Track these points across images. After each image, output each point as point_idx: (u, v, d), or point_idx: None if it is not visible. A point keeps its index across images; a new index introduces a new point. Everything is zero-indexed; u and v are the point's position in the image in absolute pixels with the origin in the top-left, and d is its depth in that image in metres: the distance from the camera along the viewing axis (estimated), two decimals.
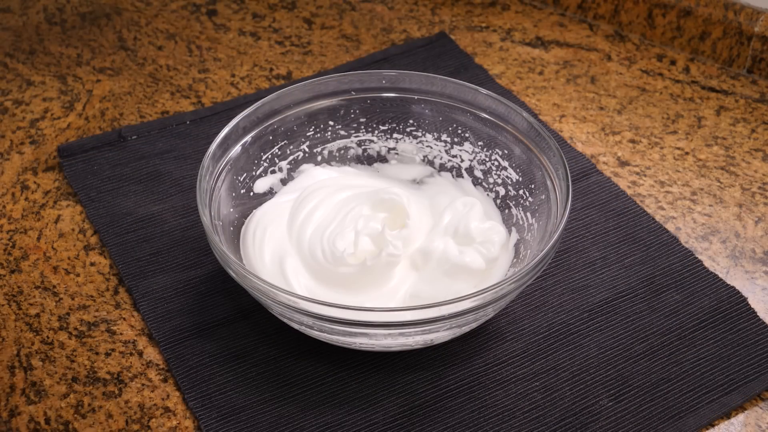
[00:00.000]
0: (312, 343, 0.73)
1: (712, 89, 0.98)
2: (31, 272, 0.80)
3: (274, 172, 0.82)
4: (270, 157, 0.81)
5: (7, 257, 0.81)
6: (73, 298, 0.77)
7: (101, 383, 0.71)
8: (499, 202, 0.80)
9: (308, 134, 0.82)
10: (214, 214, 0.74)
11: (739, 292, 0.76)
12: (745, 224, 0.84)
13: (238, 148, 0.78)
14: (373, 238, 0.75)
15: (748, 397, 0.70)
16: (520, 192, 0.78)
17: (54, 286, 0.78)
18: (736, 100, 0.96)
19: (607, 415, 0.69)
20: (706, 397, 0.70)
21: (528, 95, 0.97)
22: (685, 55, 1.02)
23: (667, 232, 0.82)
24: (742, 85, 0.98)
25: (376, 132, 0.84)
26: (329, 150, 0.84)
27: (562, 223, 0.69)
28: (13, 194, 0.87)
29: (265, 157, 0.81)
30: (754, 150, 0.91)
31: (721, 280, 0.78)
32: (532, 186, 0.77)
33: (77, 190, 0.86)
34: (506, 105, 0.78)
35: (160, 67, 1.02)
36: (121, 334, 0.75)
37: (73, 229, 0.83)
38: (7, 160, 0.90)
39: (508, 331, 0.74)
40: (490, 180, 0.81)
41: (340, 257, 0.73)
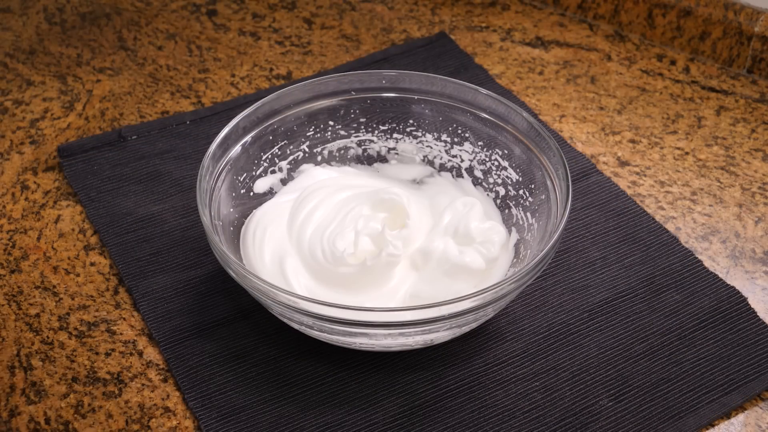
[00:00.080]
0: (312, 343, 0.73)
1: (712, 89, 0.98)
2: (31, 272, 0.80)
3: (274, 172, 0.82)
4: (270, 157, 0.81)
5: (7, 257, 0.81)
6: (73, 298, 0.77)
7: (101, 383, 0.71)
8: (499, 202, 0.80)
9: (308, 134, 0.82)
10: (214, 214, 0.74)
11: (739, 292, 0.76)
12: (745, 224, 0.84)
13: (238, 148, 0.78)
14: (373, 238, 0.75)
15: (748, 397, 0.70)
16: (520, 192, 0.78)
17: (54, 286, 0.78)
18: (736, 100, 0.96)
19: (607, 415, 0.69)
20: (706, 397, 0.70)
21: (528, 95, 0.97)
22: (685, 55, 1.02)
23: (667, 232, 0.82)
24: (742, 85, 0.98)
25: (376, 132, 0.84)
26: (329, 150, 0.84)
27: (562, 223, 0.69)
28: (13, 194, 0.87)
29: (265, 157, 0.81)
30: (754, 150, 0.91)
31: (721, 280, 0.77)
32: (532, 186, 0.77)
33: (77, 190, 0.86)
34: (506, 105, 0.78)
35: (160, 67, 1.02)
36: (121, 334, 0.75)
37: (73, 229, 0.83)
38: (7, 160, 0.90)
39: (508, 331, 0.74)
40: (490, 180, 0.81)
41: (340, 257, 0.73)
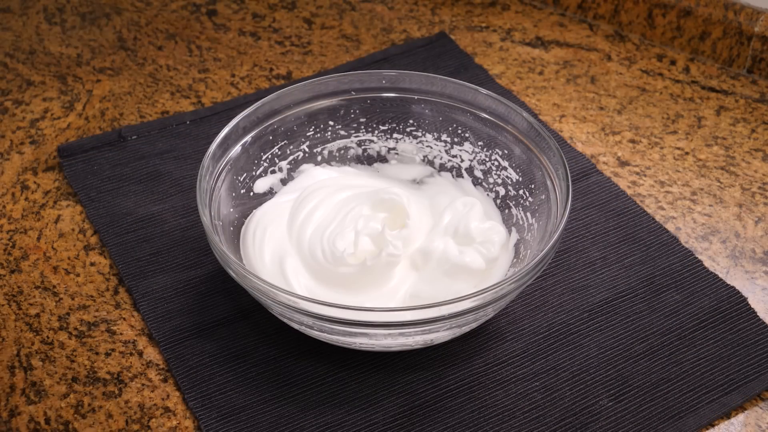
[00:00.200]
0: (312, 343, 0.73)
1: (712, 89, 0.98)
2: (31, 272, 0.80)
3: (274, 172, 0.82)
4: (270, 157, 0.81)
5: (7, 257, 0.81)
6: (73, 298, 0.77)
7: (101, 383, 0.71)
8: (499, 202, 0.80)
9: (308, 134, 0.82)
10: (214, 214, 0.74)
11: (739, 292, 0.76)
12: (745, 224, 0.84)
13: (238, 148, 0.78)
14: (373, 238, 0.75)
15: (748, 397, 0.70)
16: (520, 192, 0.78)
17: (54, 286, 0.78)
18: (736, 100, 0.96)
19: (607, 415, 0.69)
20: (706, 397, 0.70)
21: (528, 95, 0.97)
22: (685, 55, 1.02)
23: (667, 232, 0.82)
24: (742, 85, 0.98)
25: (376, 132, 0.84)
26: (329, 150, 0.84)
27: (562, 223, 0.69)
28: (13, 194, 0.87)
29: (265, 157, 0.81)
30: (754, 150, 0.91)
31: (721, 280, 0.77)
32: (532, 186, 0.77)
33: (77, 190, 0.86)
34: (506, 105, 0.78)
35: (160, 67, 1.02)
36: (121, 334, 0.75)
37: (73, 229, 0.83)
38: (7, 160, 0.90)
39: (508, 331, 0.74)
40: (490, 180, 0.81)
41: (340, 257, 0.73)
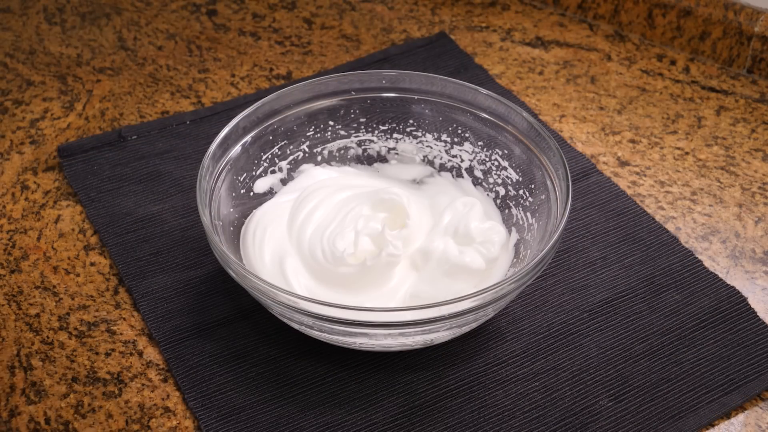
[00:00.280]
0: (312, 343, 0.73)
1: (712, 89, 0.98)
2: (31, 272, 0.80)
3: (274, 172, 0.82)
4: (270, 157, 0.81)
5: (7, 257, 0.81)
6: (73, 298, 0.77)
7: (101, 383, 0.71)
8: (499, 202, 0.80)
9: (308, 134, 0.82)
10: (214, 214, 0.74)
11: (739, 292, 0.76)
12: (745, 224, 0.83)
13: (238, 148, 0.78)
14: (373, 238, 0.75)
15: (748, 397, 0.70)
16: (520, 192, 0.78)
17: (54, 286, 0.78)
18: (736, 100, 0.96)
19: (607, 415, 0.69)
20: (706, 397, 0.70)
21: (528, 95, 0.97)
22: (685, 55, 1.02)
23: (667, 232, 0.82)
24: (742, 85, 0.98)
25: (376, 132, 0.84)
26: (329, 150, 0.84)
27: (562, 223, 0.69)
28: (13, 194, 0.87)
29: (265, 157, 0.81)
30: (754, 150, 0.91)
31: (721, 280, 0.77)
32: (532, 186, 0.77)
33: (77, 190, 0.86)
34: (506, 105, 0.78)
35: (160, 67, 1.02)
36: (121, 334, 0.75)
37: (73, 229, 0.83)
38: (7, 160, 0.90)
39: (508, 331, 0.74)
40: (490, 180, 0.81)
41: (340, 257, 0.73)
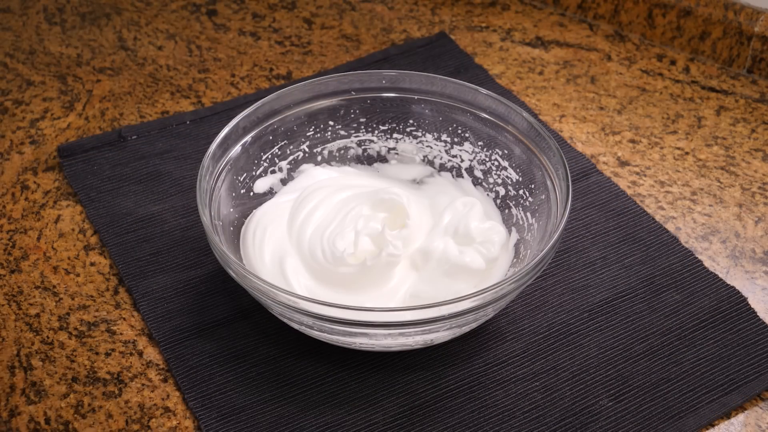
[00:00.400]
0: (312, 343, 0.73)
1: (712, 89, 0.98)
2: (31, 272, 0.80)
3: (274, 172, 0.82)
4: (270, 157, 0.81)
5: (7, 257, 0.81)
6: (73, 298, 0.77)
7: (101, 383, 0.71)
8: (499, 202, 0.80)
9: (308, 134, 0.82)
10: (214, 214, 0.74)
11: (739, 292, 0.76)
12: (745, 224, 0.84)
13: (238, 148, 0.78)
14: (373, 238, 0.75)
15: (748, 397, 0.70)
16: (520, 192, 0.78)
17: (54, 286, 0.78)
18: (736, 100, 0.96)
19: (607, 415, 0.69)
20: (706, 397, 0.70)
21: (528, 95, 0.97)
22: (685, 55, 1.02)
23: (667, 232, 0.82)
24: (742, 85, 0.98)
25: (376, 132, 0.84)
26: (329, 150, 0.84)
27: (562, 223, 0.69)
28: (13, 194, 0.87)
29: (265, 157, 0.81)
30: (754, 150, 0.91)
31: (721, 280, 0.77)
32: (532, 186, 0.77)
33: (77, 190, 0.86)
34: (506, 105, 0.78)
35: (160, 67, 1.02)
36: (121, 334, 0.75)
37: (73, 229, 0.83)
38: (7, 160, 0.90)
39: (508, 331, 0.74)
40: (490, 180, 0.81)
41: (340, 257, 0.73)
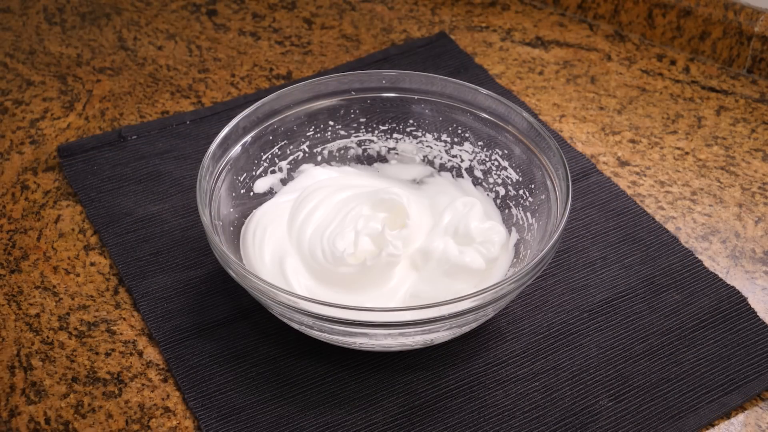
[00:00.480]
0: (312, 343, 0.73)
1: (712, 89, 0.98)
2: (31, 272, 0.80)
3: (274, 172, 0.82)
4: (270, 157, 0.81)
5: (7, 257, 0.81)
6: (73, 298, 0.77)
7: (101, 383, 0.71)
8: (499, 202, 0.80)
9: (308, 134, 0.82)
10: (214, 214, 0.74)
11: (739, 292, 0.76)
12: (745, 224, 0.84)
13: (238, 148, 0.78)
14: (373, 238, 0.75)
15: (748, 397, 0.70)
16: (520, 192, 0.78)
17: (54, 286, 0.78)
18: (736, 100, 0.96)
19: (607, 415, 0.69)
20: (706, 397, 0.70)
21: (528, 95, 0.97)
22: (685, 55, 1.02)
23: (667, 232, 0.82)
24: (742, 85, 0.98)
25: (376, 132, 0.84)
26: (329, 150, 0.84)
27: (562, 223, 0.69)
28: (13, 194, 0.87)
29: (265, 157, 0.81)
30: (754, 150, 0.91)
31: (721, 280, 0.77)
32: (532, 186, 0.77)
33: (77, 190, 0.86)
34: (506, 105, 0.78)
35: (160, 67, 1.02)
36: (121, 334, 0.75)
37: (73, 229, 0.83)
38: (7, 160, 0.90)
39: (508, 331, 0.74)
40: (490, 180, 0.81)
41: (340, 257, 0.73)
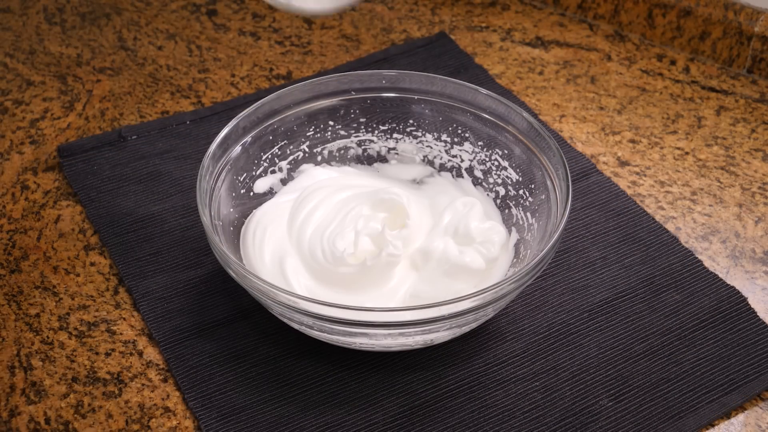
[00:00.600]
0: (312, 343, 0.73)
1: (712, 89, 0.98)
2: (31, 272, 0.80)
3: (274, 172, 0.82)
4: (270, 157, 0.81)
5: (7, 257, 0.81)
6: (73, 298, 0.77)
7: (101, 383, 0.71)
8: (499, 202, 0.80)
9: (308, 134, 0.82)
10: (214, 214, 0.74)
11: (739, 292, 0.76)
12: (745, 224, 0.84)
13: (238, 148, 0.78)
14: (373, 238, 0.75)
15: (748, 397, 0.70)
16: (520, 192, 0.78)
17: (54, 286, 0.78)
18: (736, 100, 0.96)
19: (607, 415, 0.69)
20: (706, 397, 0.70)
21: (528, 95, 0.97)
22: (685, 55, 1.02)
23: (667, 232, 0.82)
24: (742, 85, 0.98)
25: (376, 132, 0.84)
26: (329, 150, 0.84)
27: (562, 223, 0.69)
28: (13, 194, 0.87)
29: (265, 157, 0.81)
30: (754, 150, 0.91)
31: (721, 280, 0.77)
32: (532, 186, 0.77)
33: (77, 190, 0.86)
34: (506, 105, 0.78)
35: (160, 67, 1.02)
36: (121, 334, 0.75)
37: (73, 229, 0.83)
38: (7, 160, 0.90)
39: (508, 331, 0.74)
40: (490, 180, 0.81)
41: (340, 257, 0.73)
